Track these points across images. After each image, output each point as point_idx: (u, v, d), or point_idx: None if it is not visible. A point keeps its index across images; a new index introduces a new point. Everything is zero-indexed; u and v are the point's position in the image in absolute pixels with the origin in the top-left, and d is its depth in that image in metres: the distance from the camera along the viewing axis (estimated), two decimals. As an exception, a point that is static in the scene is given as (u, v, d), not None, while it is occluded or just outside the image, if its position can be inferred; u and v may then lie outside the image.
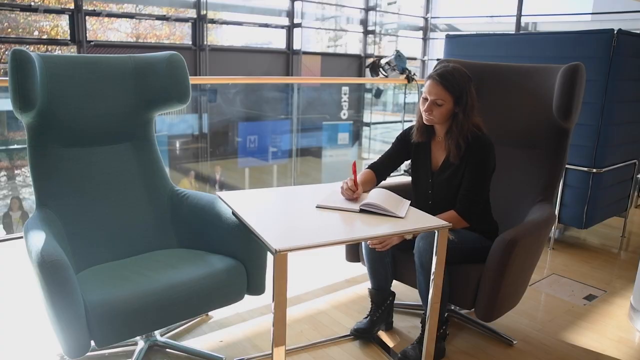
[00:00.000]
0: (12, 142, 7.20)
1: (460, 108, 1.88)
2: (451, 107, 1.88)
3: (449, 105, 1.87)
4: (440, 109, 1.88)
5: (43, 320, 2.17)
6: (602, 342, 2.21)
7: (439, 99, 1.86)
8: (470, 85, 1.90)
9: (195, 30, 7.87)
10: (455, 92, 1.86)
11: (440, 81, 1.86)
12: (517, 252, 1.81)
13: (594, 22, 8.47)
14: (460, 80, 1.87)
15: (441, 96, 1.86)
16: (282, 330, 1.44)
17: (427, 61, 10.72)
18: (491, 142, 1.94)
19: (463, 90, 1.87)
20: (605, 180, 3.18)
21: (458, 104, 1.88)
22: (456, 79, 1.86)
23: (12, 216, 6.84)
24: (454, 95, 1.86)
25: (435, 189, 2.02)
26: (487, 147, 1.92)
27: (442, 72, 1.87)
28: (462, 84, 1.87)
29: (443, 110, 1.88)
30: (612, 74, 2.94)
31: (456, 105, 1.88)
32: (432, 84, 1.88)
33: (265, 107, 9.20)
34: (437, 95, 1.86)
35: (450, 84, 1.85)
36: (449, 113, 1.90)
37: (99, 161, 2.06)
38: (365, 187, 1.97)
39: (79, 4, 6.57)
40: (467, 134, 1.90)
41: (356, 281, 2.73)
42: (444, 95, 1.86)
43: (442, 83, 1.85)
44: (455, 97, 1.87)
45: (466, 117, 1.89)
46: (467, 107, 1.89)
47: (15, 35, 6.63)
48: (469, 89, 1.89)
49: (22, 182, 7.26)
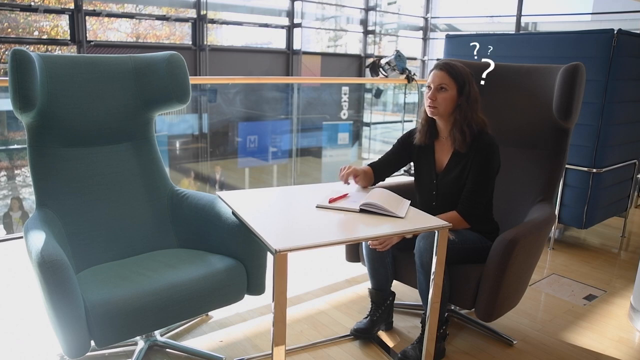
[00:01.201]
0: (12, 142, 7.20)
1: (463, 98, 1.90)
2: (455, 94, 1.90)
3: (452, 92, 1.90)
4: (444, 95, 1.90)
5: (43, 320, 2.17)
6: (602, 342, 2.21)
7: (443, 83, 1.90)
8: (472, 79, 1.94)
9: (195, 30, 7.87)
10: (458, 80, 1.90)
11: (444, 68, 1.91)
12: (517, 252, 1.81)
13: (594, 22, 8.47)
14: (463, 71, 1.92)
15: (445, 81, 1.90)
16: (282, 330, 1.44)
17: (427, 61, 10.72)
18: (496, 143, 1.95)
19: (466, 81, 1.91)
20: (605, 180, 3.18)
21: (461, 93, 1.90)
22: (459, 68, 1.92)
23: (12, 216, 6.84)
24: (457, 82, 1.90)
25: (440, 190, 2.02)
26: (492, 146, 1.93)
27: (445, 61, 1.94)
28: (465, 75, 1.92)
29: (447, 96, 1.90)
30: (612, 74, 2.94)
31: (459, 94, 1.90)
32: (436, 72, 1.93)
33: (265, 107, 9.20)
34: (442, 81, 1.90)
35: (454, 71, 1.90)
36: (453, 101, 1.91)
37: (99, 161, 2.06)
38: (363, 182, 2.00)
39: (79, 4, 6.57)
40: (472, 123, 1.91)
41: (356, 281, 2.73)
42: (447, 81, 1.90)
43: (446, 69, 1.91)
44: (458, 85, 1.90)
45: (470, 107, 1.91)
46: (470, 98, 1.91)
47: (15, 35, 6.63)
48: (472, 82, 1.93)
49: (22, 182, 7.26)
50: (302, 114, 9.16)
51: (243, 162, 8.58)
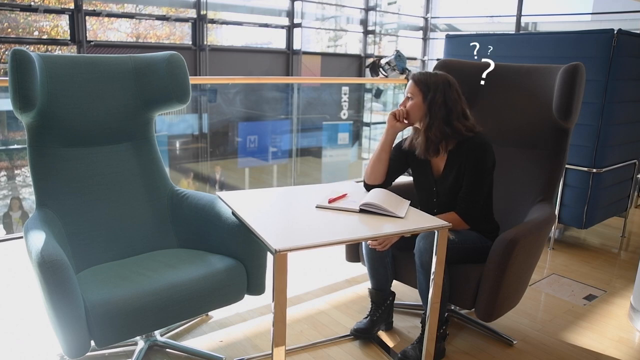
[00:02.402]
0: (12, 142, 7.20)
1: (432, 106, 1.91)
2: (420, 101, 1.93)
3: (418, 100, 1.94)
4: (410, 103, 1.95)
5: (43, 320, 2.17)
6: (602, 342, 2.21)
7: (409, 92, 1.97)
8: (447, 87, 1.92)
9: (195, 30, 7.87)
10: (423, 88, 1.93)
11: (412, 77, 1.98)
12: (517, 252, 1.81)
13: (594, 22, 8.47)
14: (433, 79, 1.93)
15: (411, 90, 1.97)
16: (282, 330, 1.44)
17: (427, 61, 10.72)
18: (487, 141, 1.93)
19: (431, 88, 1.92)
20: (605, 180, 3.18)
21: (427, 99, 1.92)
22: (429, 78, 1.94)
23: (12, 216, 6.84)
24: (422, 90, 1.93)
25: (440, 196, 2.02)
26: (483, 145, 1.91)
27: (418, 72, 2.01)
28: (436, 83, 1.92)
29: (412, 104, 1.94)
30: (612, 74, 2.94)
31: (425, 100, 1.92)
32: (409, 83, 2.01)
33: (265, 107, 9.19)
34: (408, 89, 1.98)
35: (420, 81, 1.95)
36: (420, 109, 1.93)
37: (99, 161, 2.06)
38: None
39: (79, 4, 6.57)
40: (444, 130, 1.91)
41: (356, 281, 2.73)
42: (413, 89, 1.96)
43: (413, 79, 1.97)
44: (423, 93, 1.93)
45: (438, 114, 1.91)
46: (437, 105, 1.90)
47: (15, 35, 6.63)
48: (444, 90, 1.92)
49: (22, 182, 7.26)
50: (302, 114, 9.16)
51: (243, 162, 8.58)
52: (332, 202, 1.77)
